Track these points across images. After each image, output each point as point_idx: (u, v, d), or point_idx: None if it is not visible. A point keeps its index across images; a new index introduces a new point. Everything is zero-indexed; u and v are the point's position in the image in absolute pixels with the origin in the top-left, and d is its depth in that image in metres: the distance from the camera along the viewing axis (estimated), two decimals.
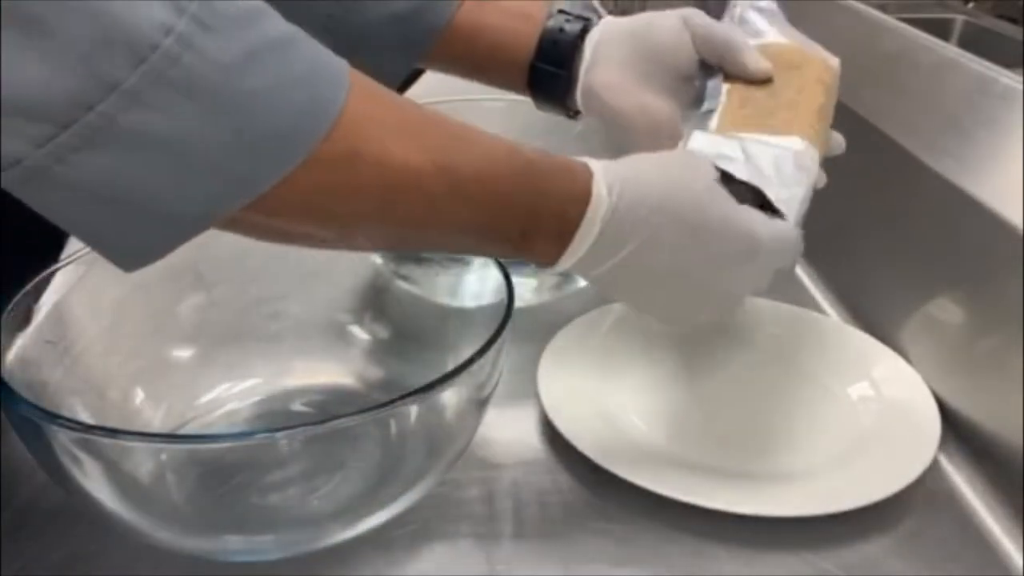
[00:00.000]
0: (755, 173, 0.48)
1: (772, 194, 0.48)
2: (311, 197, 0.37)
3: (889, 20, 0.78)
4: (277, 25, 0.35)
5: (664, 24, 0.58)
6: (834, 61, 0.58)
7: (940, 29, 0.86)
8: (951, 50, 0.70)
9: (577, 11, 0.61)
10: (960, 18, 0.96)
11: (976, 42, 0.90)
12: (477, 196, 0.41)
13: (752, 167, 0.49)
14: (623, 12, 0.58)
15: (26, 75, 0.30)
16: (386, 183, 0.38)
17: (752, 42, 0.57)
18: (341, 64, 0.37)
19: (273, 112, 0.34)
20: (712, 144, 0.50)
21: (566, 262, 0.45)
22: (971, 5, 1.00)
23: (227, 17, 0.32)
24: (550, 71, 0.60)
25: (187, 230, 0.35)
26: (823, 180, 0.54)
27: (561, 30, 0.60)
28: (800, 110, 0.53)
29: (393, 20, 0.60)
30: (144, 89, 0.31)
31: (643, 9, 0.62)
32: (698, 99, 0.57)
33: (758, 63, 0.55)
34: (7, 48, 0.29)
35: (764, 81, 0.55)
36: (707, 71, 0.57)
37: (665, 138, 0.59)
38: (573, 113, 0.62)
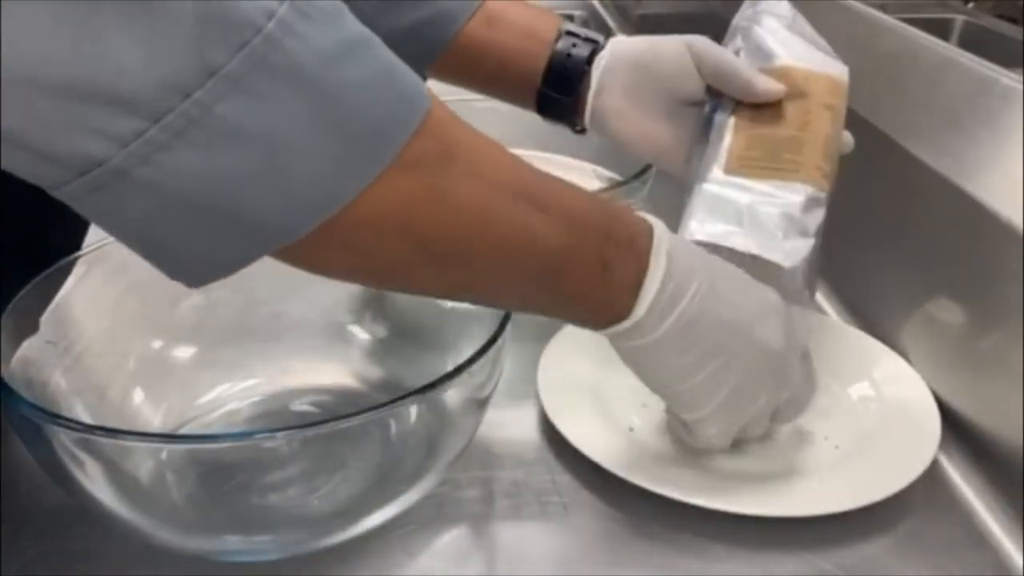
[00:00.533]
0: (759, 236, 0.51)
1: (776, 258, 0.50)
2: (405, 207, 0.35)
3: (889, 20, 0.78)
4: (357, 23, 0.34)
5: (669, 52, 0.58)
6: (843, 74, 0.57)
7: (940, 29, 0.86)
8: (951, 50, 0.70)
9: (585, 33, 0.61)
10: (960, 18, 0.95)
11: (976, 42, 0.90)
12: (560, 215, 0.39)
13: (756, 230, 0.51)
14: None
15: (124, 59, 0.28)
16: (482, 193, 0.37)
17: (759, 65, 0.57)
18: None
19: (368, 104, 0.32)
20: (716, 208, 0.52)
21: (643, 303, 0.42)
22: (971, 5, 1.00)
23: (321, 9, 0.32)
24: (557, 97, 0.61)
25: (269, 240, 0.33)
26: None
27: (569, 55, 0.60)
28: (806, 150, 0.54)
29: (404, 32, 0.60)
30: (245, 74, 0.29)
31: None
32: (707, 124, 0.57)
33: (768, 86, 0.55)
34: (107, 29, 0.27)
35: (772, 112, 0.55)
36: (716, 94, 0.58)
37: (669, 164, 0.60)
38: (580, 129, 0.63)
